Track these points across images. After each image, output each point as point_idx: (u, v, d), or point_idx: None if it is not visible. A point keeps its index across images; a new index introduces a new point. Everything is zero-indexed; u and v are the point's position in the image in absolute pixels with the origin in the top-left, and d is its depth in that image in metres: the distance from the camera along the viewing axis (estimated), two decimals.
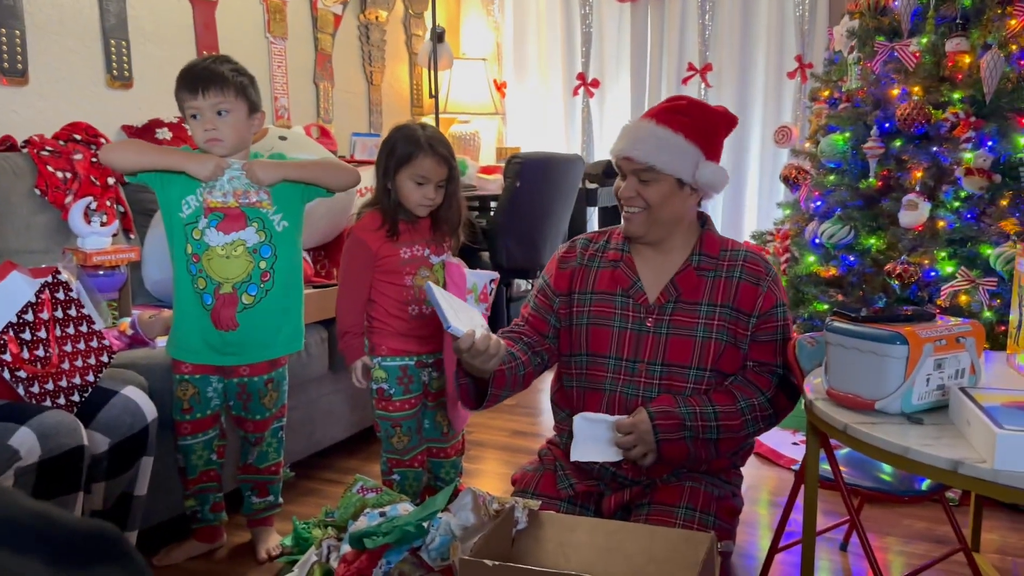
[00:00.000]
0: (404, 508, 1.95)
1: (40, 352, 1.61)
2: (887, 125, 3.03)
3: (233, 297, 2.06)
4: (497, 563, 1.37)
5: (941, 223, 2.82)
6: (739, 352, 1.81)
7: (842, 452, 2.01)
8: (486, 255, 4.14)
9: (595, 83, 5.17)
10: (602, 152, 5.14)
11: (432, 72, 4.61)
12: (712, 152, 1.79)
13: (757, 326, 1.79)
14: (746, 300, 1.79)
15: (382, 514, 1.91)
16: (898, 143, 3.00)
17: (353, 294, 2.24)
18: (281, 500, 2.35)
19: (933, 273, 2.78)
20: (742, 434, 1.76)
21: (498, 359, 1.70)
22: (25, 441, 1.47)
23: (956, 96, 2.86)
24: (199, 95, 1.97)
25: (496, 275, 2.34)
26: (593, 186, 4.61)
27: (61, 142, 2.68)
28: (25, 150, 2.59)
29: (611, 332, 1.82)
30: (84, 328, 1.72)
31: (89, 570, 0.50)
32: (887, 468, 2.03)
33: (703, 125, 1.77)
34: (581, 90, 5.19)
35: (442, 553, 1.70)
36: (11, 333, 1.54)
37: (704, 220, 1.89)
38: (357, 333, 2.25)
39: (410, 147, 2.13)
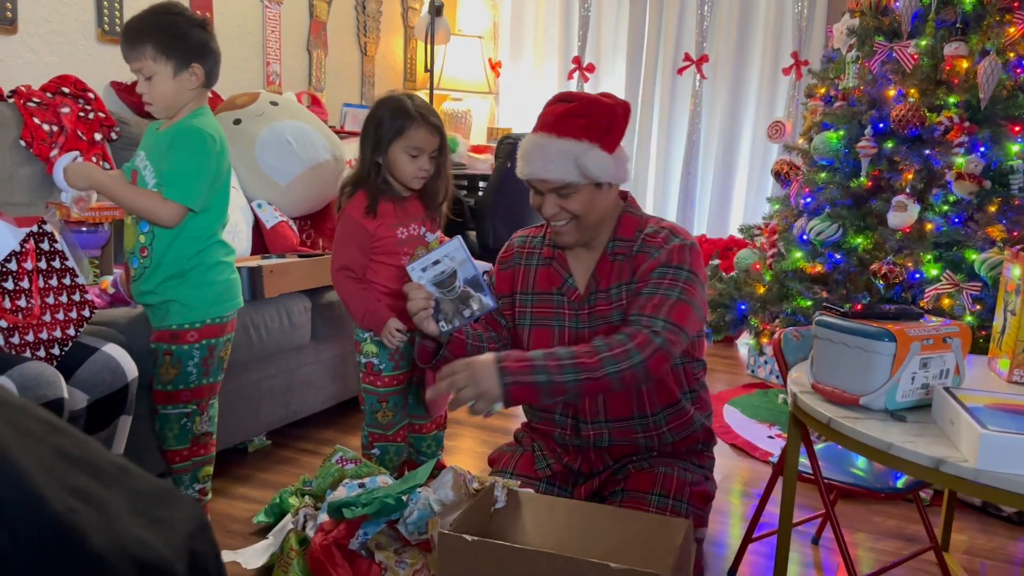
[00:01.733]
0: (383, 480, 1.95)
1: (22, 303, 1.58)
2: (881, 125, 3.04)
3: (128, 268, 2.05)
4: (476, 538, 1.37)
5: (929, 226, 2.84)
6: None
7: (817, 447, 2.03)
8: (473, 234, 4.12)
9: (591, 68, 5.15)
10: None
11: (428, 46, 4.57)
12: (612, 143, 1.72)
13: (636, 288, 1.73)
14: (641, 270, 1.74)
15: (361, 485, 1.91)
16: (891, 144, 3.01)
17: (352, 275, 2.17)
18: (197, 495, 2.16)
19: (918, 275, 2.80)
20: (602, 374, 1.59)
21: (430, 328, 1.75)
22: None
23: (952, 100, 2.88)
24: (126, 58, 1.90)
25: (490, 267, 2.33)
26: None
27: (49, 94, 2.63)
28: (11, 100, 2.53)
29: (552, 332, 1.82)
30: (67, 281, 1.69)
31: (160, 511, 0.56)
32: (861, 463, 2.05)
33: (603, 123, 1.70)
34: (576, 74, 5.16)
35: (419, 527, 1.70)
36: None
37: (625, 199, 1.85)
38: (375, 307, 2.16)
39: (401, 119, 2.08)
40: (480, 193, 4.36)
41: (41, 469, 0.48)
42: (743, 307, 3.42)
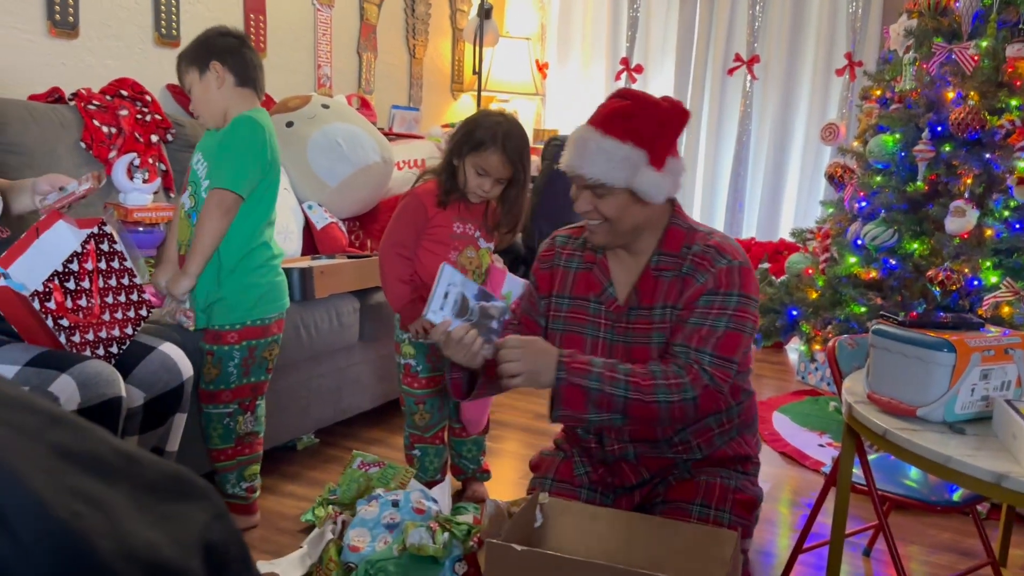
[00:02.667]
0: (416, 497, 1.95)
1: (83, 302, 1.62)
2: (939, 128, 2.97)
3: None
4: (525, 548, 1.37)
5: (988, 231, 2.76)
6: None
7: (870, 457, 1.99)
8: (519, 237, 4.12)
9: (639, 69, 5.11)
10: None
11: (477, 48, 4.58)
12: (657, 156, 1.64)
13: (680, 312, 1.66)
14: (686, 295, 1.66)
15: (395, 504, 1.91)
16: (949, 147, 2.94)
17: (399, 251, 2.18)
18: (232, 491, 2.17)
19: (976, 282, 2.73)
20: (652, 400, 1.56)
21: (482, 356, 1.63)
22: (65, 388, 1.48)
23: (1013, 103, 2.80)
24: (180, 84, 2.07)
25: (526, 282, 2.33)
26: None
27: (108, 97, 2.69)
28: (72, 103, 2.60)
29: (585, 340, 1.75)
30: (126, 281, 1.73)
31: (170, 506, 0.51)
32: (914, 475, 2.01)
33: (651, 128, 1.63)
34: (624, 75, 5.13)
35: None
36: (56, 282, 1.55)
37: (674, 209, 1.75)
38: (412, 295, 2.17)
39: (484, 136, 2.11)
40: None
41: (40, 471, 0.45)
42: (794, 312, 3.37)
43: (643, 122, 1.63)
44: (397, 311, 2.24)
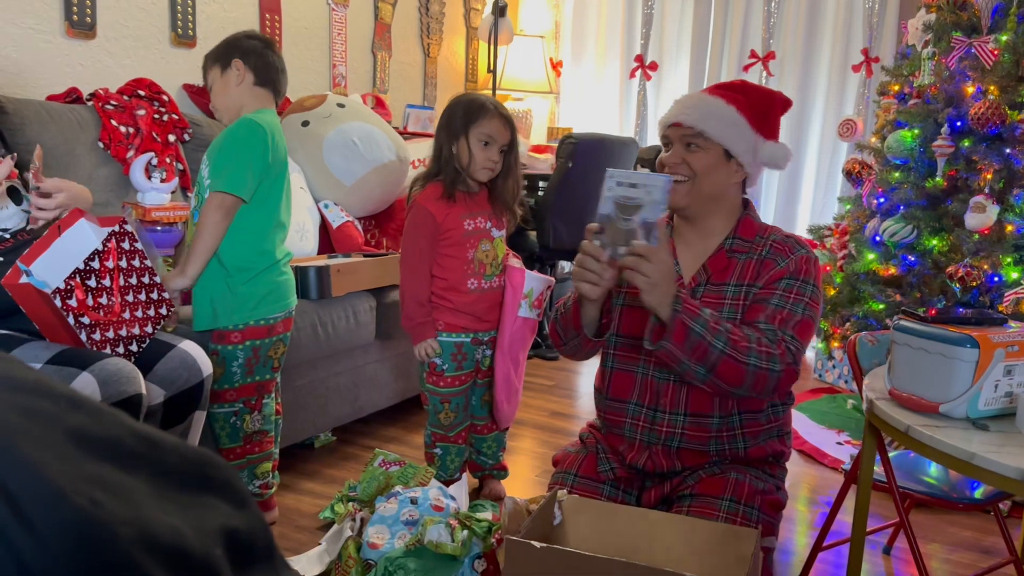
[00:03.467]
0: (434, 494, 1.95)
1: (104, 300, 1.63)
2: (959, 124, 2.94)
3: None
4: (545, 545, 1.37)
5: (1009, 227, 2.74)
6: None
7: (890, 455, 1.97)
8: (533, 235, 4.12)
9: (653, 66, 5.10)
10: (656, 137, 5.07)
11: (492, 46, 4.58)
12: (767, 130, 1.76)
13: (758, 292, 1.71)
14: (765, 276, 1.73)
15: (413, 501, 1.91)
16: (969, 143, 2.91)
17: (419, 267, 2.20)
18: (259, 490, 2.19)
19: (996, 278, 2.70)
20: (743, 361, 1.58)
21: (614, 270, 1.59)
22: (86, 386, 1.49)
23: None
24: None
25: (552, 280, 2.34)
26: (645, 170, 4.55)
27: (125, 97, 2.71)
28: (90, 103, 2.62)
29: (645, 314, 1.79)
30: (146, 279, 1.73)
31: (191, 496, 0.50)
32: (933, 472, 1.99)
33: (756, 102, 1.75)
34: (638, 73, 5.12)
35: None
36: (78, 279, 1.56)
37: (746, 205, 1.85)
38: (426, 315, 2.22)
39: (477, 109, 2.17)
40: (540, 193, 4.35)
41: (57, 458, 0.43)
42: None
43: (750, 96, 1.75)
44: (408, 330, 2.25)
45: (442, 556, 1.75)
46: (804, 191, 4.80)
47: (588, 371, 3.86)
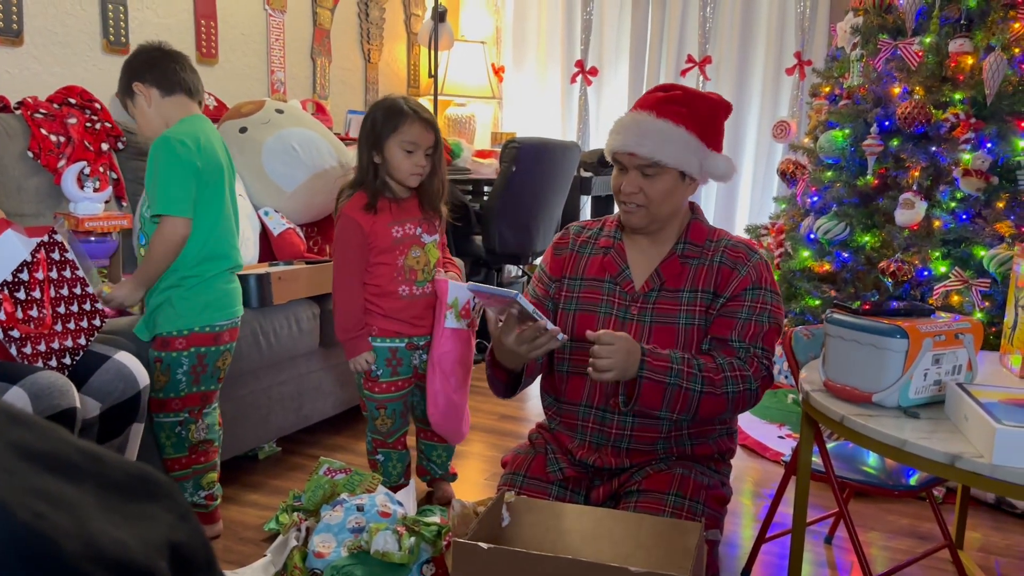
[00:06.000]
0: (381, 500, 1.94)
1: (34, 312, 1.58)
2: (887, 123, 3.03)
3: None
4: (492, 546, 1.37)
5: (937, 223, 2.83)
6: None
7: (829, 446, 2.02)
8: (479, 239, 4.12)
9: (593, 71, 5.15)
10: (598, 141, 5.13)
11: (432, 51, 4.58)
12: (713, 141, 1.78)
13: (724, 304, 1.76)
14: (723, 284, 1.77)
15: (360, 508, 1.90)
16: (897, 142, 3.00)
17: (351, 279, 2.19)
18: (191, 500, 2.14)
19: (926, 272, 2.79)
20: (722, 392, 1.67)
21: (546, 349, 1.69)
22: (17, 401, 1.45)
23: (957, 97, 2.87)
24: None
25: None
26: (588, 174, 4.59)
27: (56, 105, 2.64)
28: (19, 111, 2.54)
29: (597, 318, 1.81)
30: (78, 290, 1.69)
31: (135, 506, 0.50)
32: (872, 462, 2.05)
33: (702, 115, 1.75)
34: (579, 78, 5.17)
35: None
36: (6, 292, 1.52)
37: (693, 208, 1.89)
38: (360, 328, 2.21)
39: (396, 115, 2.13)
40: (485, 198, 4.36)
41: (1, 472, 0.43)
42: None
43: (694, 109, 1.74)
44: (342, 342, 2.25)
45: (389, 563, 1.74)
46: (742, 192, 4.90)
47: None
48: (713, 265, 1.78)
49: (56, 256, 1.64)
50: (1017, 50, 2.77)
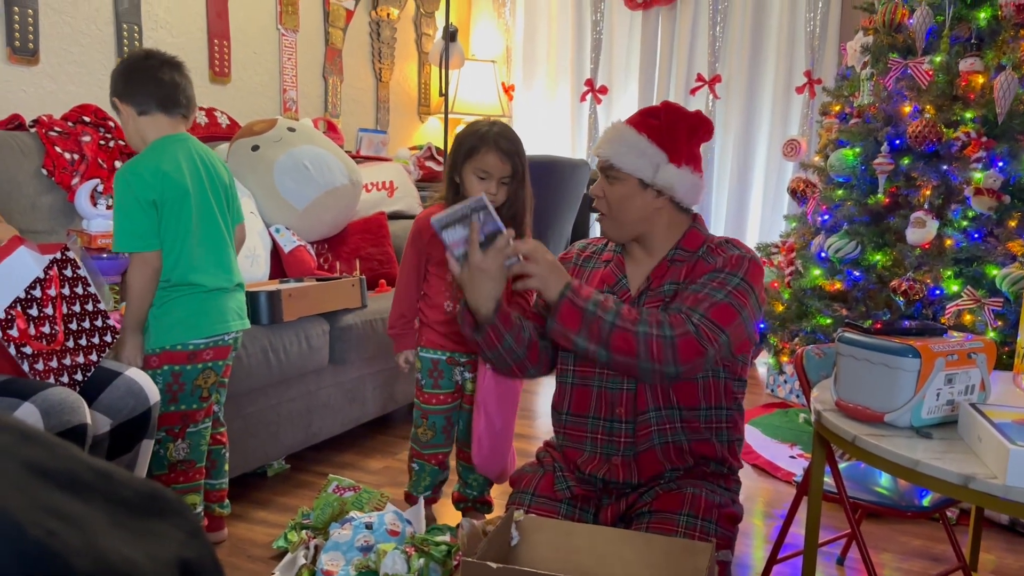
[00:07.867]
0: (390, 519, 1.93)
1: (46, 329, 1.59)
2: (898, 142, 3.03)
3: None
4: (501, 566, 1.36)
5: (948, 241, 2.82)
6: None
7: (840, 466, 2.00)
8: None
9: (603, 90, 5.17)
10: None
11: (443, 70, 4.60)
12: (677, 155, 1.76)
13: (690, 282, 1.77)
14: (699, 274, 1.76)
15: (368, 527, 1.89)
16: (908, 160, 3.00)
17: (407, 277, 2.28)
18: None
19: (938, 291, 2.78)
20: (633, 330, 1.63)
21: (504, 277, 1.72)
22: (28, 417, 1.45)
23: (968, 116, 2.87)
24: None
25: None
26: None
27: (70, 123, 2.66)
28: (33, 129, 2.57)
29: None
30: (90, 307, 1.70)
31: (145, 523, 0.51)
32: (884, 482, 2.03)
33: (669, 128, 1.77)
34: (589, 96, 5.18)
35: None
36: (19, 309, 1.53)
37: (695, 219, 1.88)
38: (405, 327, 2.29)
39: (474, 141, 2.14)
40: None
41: (13, 489, 0.44)
42: (762, 326, 3.41)
43: (664, 122, 1.77)
44: (390, 336, 2.33)
45: None
46: (752, 209, 4.90)
47: (544, 391, 3.86)
48: (696, 262, 1.80)
49: (69, 273, 1.65)
50: None
